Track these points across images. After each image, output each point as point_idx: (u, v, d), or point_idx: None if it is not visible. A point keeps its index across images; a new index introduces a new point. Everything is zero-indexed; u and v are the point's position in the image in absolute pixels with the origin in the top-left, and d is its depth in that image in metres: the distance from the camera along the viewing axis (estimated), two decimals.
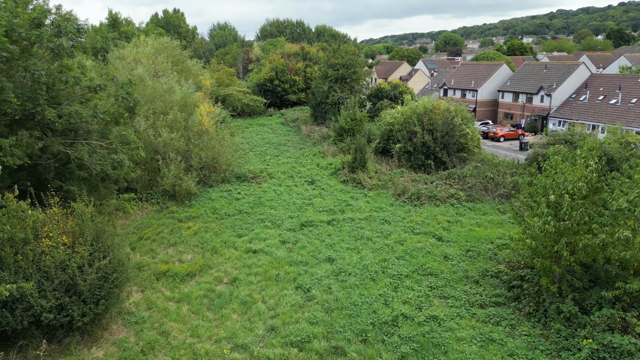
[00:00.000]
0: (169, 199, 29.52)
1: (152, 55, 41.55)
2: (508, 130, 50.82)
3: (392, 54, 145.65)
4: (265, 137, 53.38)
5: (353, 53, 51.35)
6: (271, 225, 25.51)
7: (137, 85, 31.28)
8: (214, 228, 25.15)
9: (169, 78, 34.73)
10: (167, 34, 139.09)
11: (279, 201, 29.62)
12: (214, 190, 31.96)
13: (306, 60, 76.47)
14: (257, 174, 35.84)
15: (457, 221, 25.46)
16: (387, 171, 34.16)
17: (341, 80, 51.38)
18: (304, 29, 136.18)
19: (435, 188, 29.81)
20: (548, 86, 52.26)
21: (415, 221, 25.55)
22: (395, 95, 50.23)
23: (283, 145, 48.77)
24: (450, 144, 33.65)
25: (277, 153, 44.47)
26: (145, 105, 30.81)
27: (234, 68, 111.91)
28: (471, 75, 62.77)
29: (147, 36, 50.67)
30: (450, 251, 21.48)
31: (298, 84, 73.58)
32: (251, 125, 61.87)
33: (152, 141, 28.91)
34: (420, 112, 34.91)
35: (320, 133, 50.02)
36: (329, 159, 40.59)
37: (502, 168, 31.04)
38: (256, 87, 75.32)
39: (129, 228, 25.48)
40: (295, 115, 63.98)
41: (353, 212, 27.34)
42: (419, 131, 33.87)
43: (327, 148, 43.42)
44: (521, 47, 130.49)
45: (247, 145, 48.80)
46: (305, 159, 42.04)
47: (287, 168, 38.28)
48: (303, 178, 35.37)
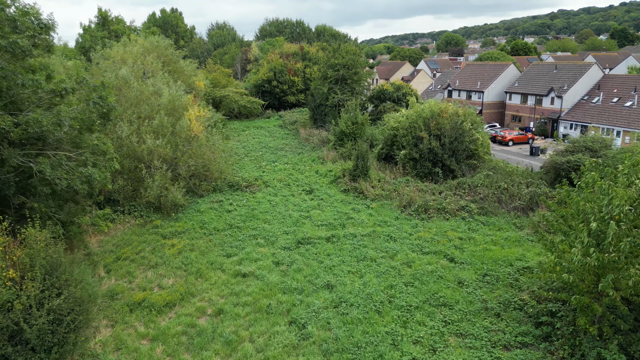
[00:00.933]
0: (154, 211, 27.08)
1: (141, 55, 39.11)
2: (517, 133, 48.38)
3: (394, 54, 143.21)
4: (262, 140, 50.95)
5: (354, 53, 48.93)
6: (264, 242, 23.06)
7: (122, 88, 28.91)
8: (201, 246, 22.70)
9: (156, 79, 32.29)
10: (164, 34, 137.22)
11: (273, 214, 27.17)
12: (203, 200, 29.52)
13: (305, 60, 74.03)
14: (252, 182, 33.40)
15: (470, 238, 23.00)
16: (391, 180, 31.70)
17: (341, 81, 48.96)
18: (304, 29, 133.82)
19: (444, 199, 27.35)
20: (559, 87, 49.83)
21: (423, 238, 23.10)
22: (399, 97, 47.78)
23: (280, 149, 46.34)
24: (459, 150, 31.21)
25: (273, 158, 42.04)
26: (129, 109, 28.41)
27: (232, 68, 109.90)
28: (477, 76, 60.34)
29: (137, 34, 48.26)
30: (464, 275, 19.02)
31: (297, 85, 71.16)
32: (248, 128, 59.47)
33: (136, 149, 26.47)
34: (427, 116, 32.47)
35: (320, 137, 47.59)
36: (329, 165, 38.15)
37: (517, 177, 28.57)
38: (254, 88, 72.90)
39: (107, 246, 23.05)
40: (293, 118, 61.55)
41: (355, 227, 24.89)
42: (426, 137, 31.42)
43: (327, 153, 40.96)
44: (525, 47, 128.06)
45: (243, 149, 46.38)
46: (303, 165, 39.61)
47: (283, 175, 35.83)
48: (301, 187, 32.93)
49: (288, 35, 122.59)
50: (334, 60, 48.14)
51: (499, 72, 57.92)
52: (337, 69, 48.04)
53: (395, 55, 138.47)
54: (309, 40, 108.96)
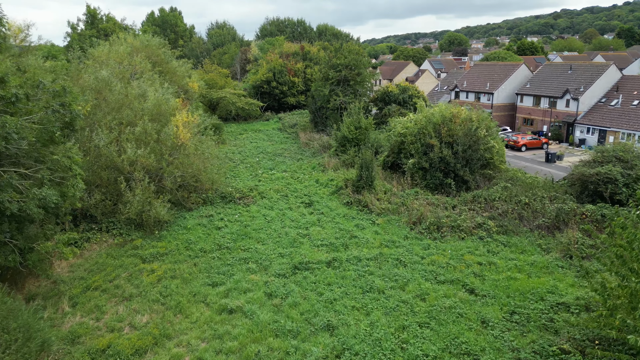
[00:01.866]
0: (135, 228, 24.33)
1: (128, 55, 36.37)
2: (530, 138, 45.51)
3: (397, 54, 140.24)
4: (259, 145, 48.21)
5: (357, 52, 46.13)
6: (256, 267, 20.27)
7: (102, 91, 26.20)
8: (184, 272, 19.94)
9: (140, 81, 29.54)
10: (163, 33, 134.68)
11: (268, 231, 24.40)
12: (192, 215, 26.77)
13: (306, 60, 71.29)
14: (246, 193, 30.63)
15: (491, 263, 20.18)
16: (398, 191, 28.90)
17: (344, 82, 46.16)
18: (305, 28, 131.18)
19: (458, 216, 24.54)
20: (574, 89, 46.95)
21: (437, 263, 20.28)
22: (404, 100, 44.96)
23: (279, 155, 43.59)
24: (473, 159, 28.39)
25: (271, 165, 39.27)
26: (109, 115, 25.67)
27: (231, 69, 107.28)
28: (486, 77, 57.48)
29: (128, 33, 45.54)
30: (488, 313, 16.22)
31: (297, 86, 68.42)
32: (245, 132, 56.74)
33: (115, 159, 23.73)
34: (437, 121, 29.65)
35: (321, 141, 44.81)
36: (330, 173, 35.38)
37: (539, 190, 25.72)
38: (252, 89, 70.21)
39: (79, 271, 20.32)
40: (293, 120, 58.79)
41: (359, 248, 22.11)
42: (436, 144, 28.61)
43: (328, 160, 38.18)
44: (531, 46, 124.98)
45: (239, 155, 43.64)
46: (302, 172, 36.84)
47: (281, 185, 33.08)
48: (299, 198, 30.16)
49: (289, 34, 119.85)
50: (335, 60, 45.35)
51: (509, 73, 55.05)
52: (339, 69, 45.25)
53: (399, 55, 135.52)
54: (310, 40, 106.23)
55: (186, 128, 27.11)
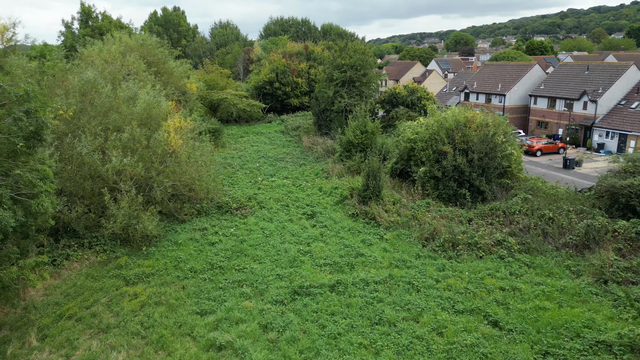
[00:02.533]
0: (121, 244, 22.29)
1: (120, 55, 34.35)
2: (546, 142, 43.11)
3: (403, 54, 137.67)
4: (260, 149, 46.11)
5: (363, 52, 43.93)
6: (251, 292, 18.12)
7: (87, 93, 24.18)
8: (170, 297, 17.84)
9: (131, 82, 27.48)
10: (166, 33, 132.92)
11: (266, 248, 22.25)
12: (184, 228, 24.68)
13: (310, 60, 69.14)
14: (244, 203, 28.53)
15: (515, 289, 17.92)
16: (408, 202, 26.66)
17: (349, 83, 43.96)
18: (310, 28, 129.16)
19: (475, 231, 22.29)
20: (592, 91, 44.50)
21: (454, 287, 18.06)
22: (413, 102, 42.70)
23: (280, 160, 41.47)
24: (490, 168, 26.11)
25: (272, 171, 37.14)
26: (94, 120, 23.63)
27: (234, 69, 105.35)
28: (497, 78, 55.08)
29: (123, 32, 43.55)
30: (517, 353, 13.99)
31: (301, 87, 66.28)
32: (247, 134, 54.66)
33: (99, 168, 21.67)
34: (450, 126, 27.40)
35: (324, 146, 42.65)
36: (334, 180, 33.21)
37: (563, 203, 23.41)
38: (254, 90, 68.12)
39: (55, 294, 18.28)
40: (296, 123, 56.64)
41: (366, 268, 19.92)
42: (450, 151, 26.35)
43: (332, 166, 36.00)
44: (541, 46, 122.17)
45: (239, 160, 41.55)
46: (305, 179, 34.70)
47: (282, 193, 30.95)
48: (301, 209, 28.01)
49: (293, 34, 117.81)
50: (340, 60, 43.17)
51: (522, 73, 52.62)
52: (344, 70, 43.06)
53: (405, 55, 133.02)
54: (314, 40, 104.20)
55: (178, 134, 25.02)
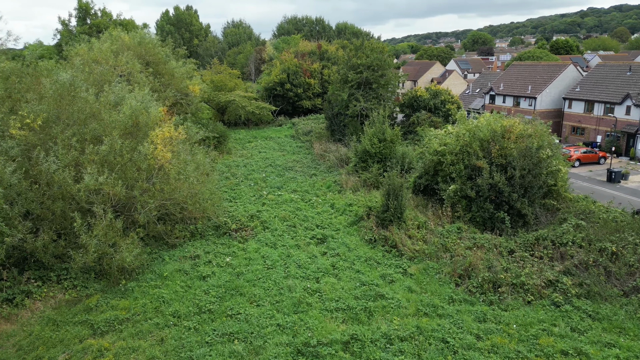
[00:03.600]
0: (96, 277, 18.86)
1: (112, 54, 31.08)
2: (585, 151, 38.68)
3: (420, 53, 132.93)
4: (268, 156, 42.55)
5: (380, 51, 40.04)
6: (243, 351, 14.44)
7: (63, 98, 20.83)
8: (144, 355, 14.28)
9: (121, 85, 24.08)
10: (178, 32, 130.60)
11: (266, 284, 18.58)
12: (173, 255, 21.17)
13: (323, 60, 65.48)
14: (245, 223, 24.95)
15: (580, 353, 13.93)
16: (435, 226, 22.74)
17: (365, 85, 40.11)
18: (324, 27, 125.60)
19: (521, 268, 18.32)
20: (637, 94, 39.91)
21: (501, 350, 14.14)
22: (436, 106, 38.67)
23: (289, 169, 37.82)
24: (533, 187, 22.06)
25: (279, 183, 33.48)
26: (69, 130, 20.27)
27: (245, 69, 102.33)
28: (526, 79, 50.64)
29: (123, 29, 40.41)
30: None
31: (313, 88, 62.64)
32: (255, 139, 51.19)
33: (69, 188, 18.28)
34: (485, 136, 23.41)
35: (338, 153, 38.88)
36: (348, 195, 29.46)
37: (628, 233, 19.24)
38: (264, 92, 64.71)
39: (4, 347, 14.88)
40: (308, 127, 53.00)
41: (388, 316, 16.13)
42: (485, 167, 22.37)
43: (346, 178, 32.22)
44: (566, 45, 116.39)
45: (244, 168, 38.02)
46: (315, 193, 30.99)
47: (289, 211, 27.29)
48: (310, 230, 24.32)
49: (307, 33, 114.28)
50: (356, 60, 39.34)
51: (554, 74, 48.12)
52: (360, 70, 39.22)
53: (422, 55, 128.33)
54: (328, 39, 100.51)
55: (168, 145, 21.52)
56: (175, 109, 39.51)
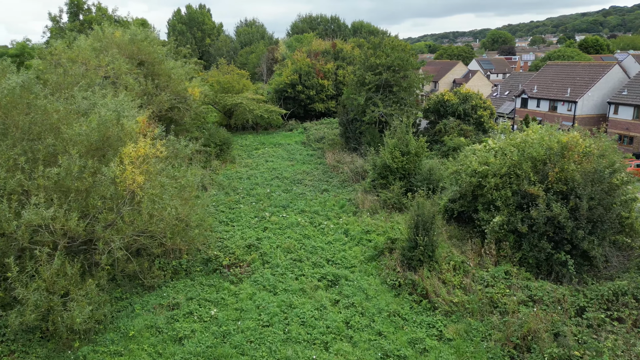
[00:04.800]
0: (42, 338, 14.73)
1: (96, 52, 27.10)
2: (638, 165, 33.49)
3: (440, 52, 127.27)
4: (276, 166, 38.22)
5: (402, 49, 35.40)
6: None
7: (15, 107, 16.83)
8: None
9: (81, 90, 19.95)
10: (190, 32, 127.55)
11: (259, 353, 14.19)
12: (146, 303, 16.95)
13: (338, 60, 60.98)
14: (240, 256, 20.65)
15: None
16: (476, 269, 18.07)
17: (384, 88, 35.49)
18: (339, 25, 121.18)
19: (600, 340, 13.57)
20: None
21: None
22: (466, 112, 33.87)
23: (298, 182, 33.44)
24: (604, 221, 17.24)
25: (285, 200, 29.10)
26: (17, 146, 16.21)
27: (257, 69, 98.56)
28: (564, 81, 45.45)
29: (118, 25, 36.51)
30: None
31: (327, 90, 58.19)
32: (262, 145, 46.95)
33: (4, 225, 14.16)
34: (539, 155, 18.66)
35: (353, 165, 34.33)
36: (365, 218, 24.95)
37: None
38: (275, 94, 60.52)
39: None
40: (320, 133, 48.56)
41: None
42: (541, 195, 17.65)
43: (363, 197, 27.68)
44: (596, 44, 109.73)
45: (247, 181, 33.75)
46: (327, 214, 26.54)
47: (294, 239, 22.91)
48: (318, 268, 19.89)
49: (321, 32, 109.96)
50: (374, 59, 34.75)
51: (597, 76, 42.86)
52: (379, 71, 34.61)
53: (442, 54, 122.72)
54: (344, 38, 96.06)
55: (144, 165, 17.29)
56: (173, 113, 35.52)
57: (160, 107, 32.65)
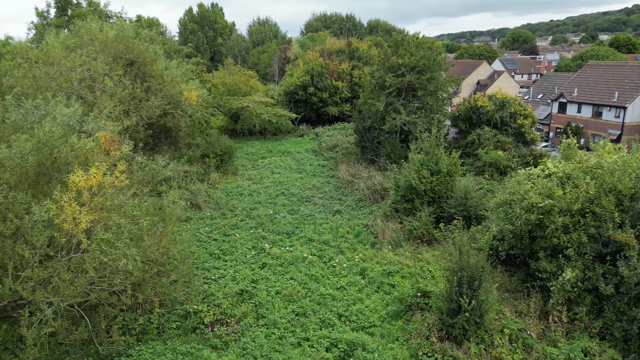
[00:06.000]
0: None
1: (66, 51, 23.02)
2: None
3: (460, 52, 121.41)
4: (283, 179, 33.83)
5: (428, 47, 30.66)
6: None
7: None
8: None
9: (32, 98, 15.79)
10: (201, 31, 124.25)
11: None
12: None
13: (353, 59, 56.39)
14: (228, 309, 16.27)
15: None
16: (536, 337, 13.31)
17: (407, 92, 30.80)
18: (355, 24, 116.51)
19: None
20: None
21: None
22: (503, 120, 28.96)
23: (307, 201, 28.98)
24: None
25: (290, 226, 24.63)
26: None
27: (269, 69, 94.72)
28: (609, 83, 40.16)
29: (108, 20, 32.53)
30: None
31: (341, 92, 53.64)
32: (269, 154, 42.61)
33: None
34: (625, 186, 13.82)
35: (370, 181, 29.70)
36: (386, 254, 20.36)
37: None
38: (285, 96, 56.22)
39: None
40: (333, 140, 44.00)
41: None
42: (633, 244, 12.82)
43: (383, 225, 23.05)
44: (628, 42, 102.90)
45: (248, 198, 29.41)
46: (339, 245, 22.00)
47: (298, 280, 18.46)
48: (327, 327, 15.39)
49: (336, 31, 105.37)
50: (395, 59, 30.04)
51: None
52: (402, 72, 29.92)
53: (462, 54, 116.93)
54: (360, 37, 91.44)
55: (99, 197, 12.98)
56: (167, 120, 31.39)
57: (150, 113, 28.52)
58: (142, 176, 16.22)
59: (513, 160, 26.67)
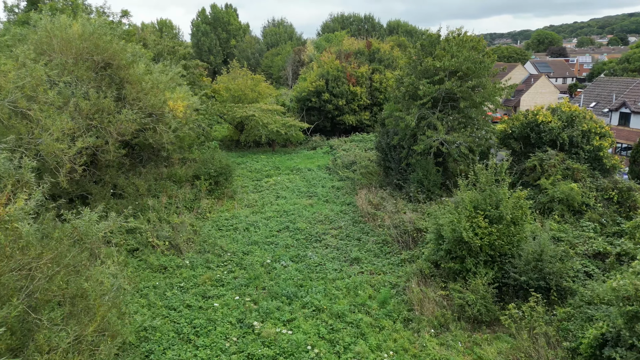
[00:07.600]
0: None
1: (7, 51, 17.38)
2: None
3: None
4: (288, 207, 27.65)
5: (473, 46, 24.20)
6: None
7: None
8: None
9: None
10: (214, 32, 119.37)
11: None
12: None
13: (374, 62, 50.08)
14: None
15: None
16: None
17: (445, 103, 24.32)
18: (374, 25, 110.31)
19: None
20: None
21: None
22: (573, 141, 22.18)
23: (316, 240, 22.73)
24: None
25: (291, 284, 18.37)
26: None
27: (282, 72, 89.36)
28: None
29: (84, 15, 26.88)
30: None
31: (359, 99, 47.39)
32: (276, 171, 36.54)
33: None
34: None
35: (399, 217, 23.20)
36: (427, 341, 13.98)
37: None
38: (297, 103, 50.24)
39: None
40: (350, 156, 37.63)
41: None
42: None
43: (419, 293, 16.60)
44: None
45: (244, 234, 23.33)
46: (358, 319, 15.68)
47: None
48: None
49: (354, 32, 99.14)
50: (431, 60, 23.56)
51: None
52: (439, 78, 23.45)
53: None
54: (380, 37, 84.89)
55: None
56: (147, 135, 25.57)
57: (123, 129, 22.69)
58: (54, 245, 10.20)
59: (590, 195, 19.99)
